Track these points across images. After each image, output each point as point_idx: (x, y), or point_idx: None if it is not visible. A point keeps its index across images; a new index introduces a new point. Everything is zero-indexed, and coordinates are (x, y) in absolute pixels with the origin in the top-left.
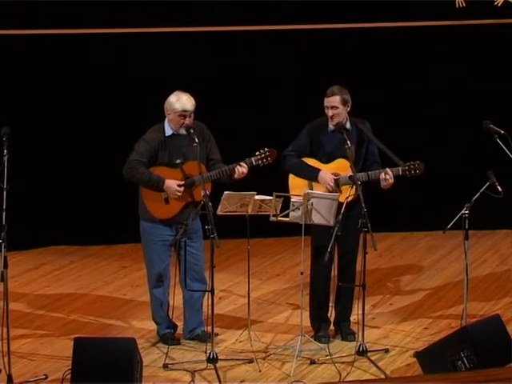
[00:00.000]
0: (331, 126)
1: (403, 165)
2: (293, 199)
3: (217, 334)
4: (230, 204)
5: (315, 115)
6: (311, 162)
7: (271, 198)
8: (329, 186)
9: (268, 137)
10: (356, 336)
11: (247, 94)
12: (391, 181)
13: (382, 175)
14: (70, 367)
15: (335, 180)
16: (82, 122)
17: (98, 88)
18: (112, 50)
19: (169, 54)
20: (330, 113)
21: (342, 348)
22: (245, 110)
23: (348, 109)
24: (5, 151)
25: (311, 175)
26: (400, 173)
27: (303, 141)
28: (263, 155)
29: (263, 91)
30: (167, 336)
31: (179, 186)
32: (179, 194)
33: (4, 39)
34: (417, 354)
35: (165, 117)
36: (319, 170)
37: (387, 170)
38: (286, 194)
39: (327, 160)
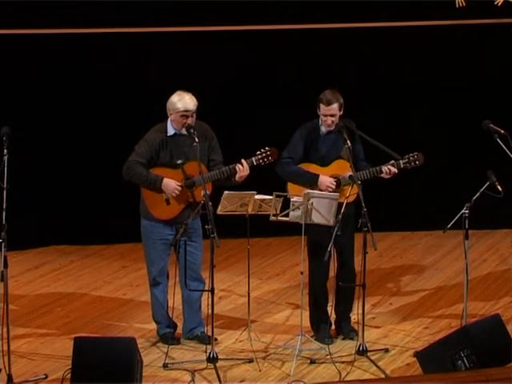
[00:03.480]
0: (324, 129)
1: (402, 158)
2: (293, 199)
3: (216, 339)
4: (230, 203)
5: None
6: (309, 167)
7: (271, 197)
8: (330, 190)
9: (269, 137)
10: (357, 333)
11: (248, 95)
12: (394, 173)
13: (386, 170)
14: (70, 367)
15: (336, 182)
16: (82, 122)
17: (99, 88)
18: (113, 50)
19: (171, 53)
20: (328, 121)
21: (342, 348)
22: (246, 111)
23: (341, 112)
24: (5, 151)
25: (310, 182)
26: (401, 166)
27: (299, 145)
28: (264, 154)
29: (264, 92)
30: (167, 335)
31: (178, 184)
32: (177, 192)
33: (4, 39)
34: (417, 354)
35: (167, 117)
36: (318, 175)
37: (389, 166)
38: (286, 194)
39: (322, 163)
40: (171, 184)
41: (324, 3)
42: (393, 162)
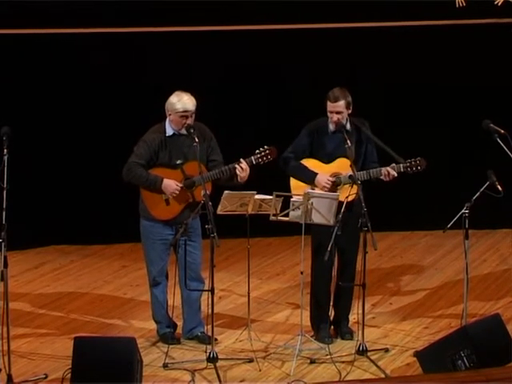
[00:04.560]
0: (332, 127)
1: (404, 162)
2: (293, 198)
3: (216, 339)
4: (230, 203)
5: (316, 114)
6: (312, 162)
7: (271, 197)
8: (325, 189)
9: (268, 136)
10: (354, 335)
11: (248, 94)
12: (394, 175)
13: (385, 172)
14: (70, 367)
15: (335, 180)
16: (81, 122)
17: (98, 88)
18: (113, 50)
19: (170, 53)
20: (334, 117)
21: (342, 347)
22: (246, 110)
23: (350, 111)
24: (5, 151)
25: (309, 179)
26: (402, 170)
27: (303, 142)
28: (263, 153)
29: (264, 91)
30: (167, 335)
31: (177, 185)
32: (177, 193)
33: (4, 39)
34: (417, 354)
35: (166, 117)
36: (316, 173)
37: (389, 168)
38: (286, 194)
39: (328, 160)
40: (171, 185)
41: (326, 3)
42: (393, 165)
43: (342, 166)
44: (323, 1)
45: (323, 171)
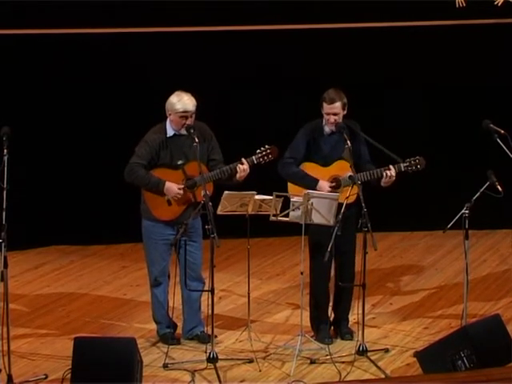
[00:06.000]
0: (327, 129)
1: (404, 161)
2: (293, 199)
3: (216, 336)
4: (230, 204)
5: (316, 114)
6: (310, 167)
7: (271, 197)
8: None
9: (269, 137)
10: (354, 335)
11: (249, 94)
12: (393, 178)
13: (386, 172)
14: (70, 367)
15: (336, 183)
16: (82, 122)
17: (99, 88)
18: (113, 50)
19: (170, 53)
20: (331, 119)
21: (342, 348)
22: (246, 111)
23: (345, 111)
24: (5, 151)
25: (310, 185)
26: (402, 169)
27: (302, 145)
28: (264, 153)
29: (264, 91)
30: (167, 336)
31: (179, 188)
32: (179, 196)
33: (4, 39)
34: (417, 354)
35: (166, 117)
36: (317, 180)
37: (390, 167)
38: (286, 194)
39: (324, 163)
40: (173, 188)
41: (325, 3)
42: (394, 165)
43: (341, 168)
44: (322, 1)
45: (323, 174)
